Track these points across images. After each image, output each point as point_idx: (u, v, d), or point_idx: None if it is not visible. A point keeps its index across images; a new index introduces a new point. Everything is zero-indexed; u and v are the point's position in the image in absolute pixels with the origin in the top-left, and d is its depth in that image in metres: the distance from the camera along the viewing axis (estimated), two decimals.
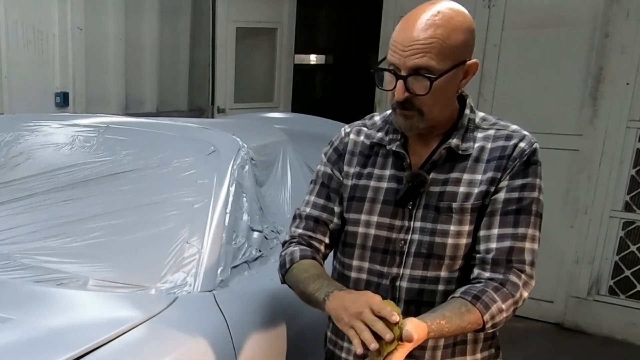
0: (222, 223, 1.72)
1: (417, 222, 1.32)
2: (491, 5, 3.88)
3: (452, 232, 1.29)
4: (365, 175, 1.39)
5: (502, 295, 1.25)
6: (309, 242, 1.43)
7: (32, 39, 3.95)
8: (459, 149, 1.30)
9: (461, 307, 1.23)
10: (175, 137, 2.09)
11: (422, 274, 1.32)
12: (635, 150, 3.51)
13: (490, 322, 1.24)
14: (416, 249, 1.32)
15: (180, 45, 5.05)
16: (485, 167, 1.29)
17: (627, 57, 3.43)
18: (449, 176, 1.30)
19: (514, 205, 1.27)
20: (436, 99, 1.24)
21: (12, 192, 1.96)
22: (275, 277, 1.75)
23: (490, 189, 1.28)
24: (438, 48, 1.20)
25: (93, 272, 1.61)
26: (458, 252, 1.30)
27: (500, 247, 1.27)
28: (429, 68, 1.20)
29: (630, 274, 3.64)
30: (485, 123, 1.34)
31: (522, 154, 1.28)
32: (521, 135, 1.31)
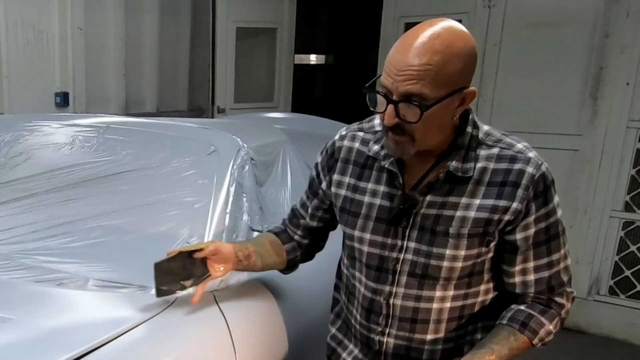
0: (222, 223, 1.71)
1: (411, 242, 1.30)
2: (491, 5, 3.88)
3: (448, 256, 1.27)
4: (360, 189, 1.37)
5: (549, 317, 1.31)
6: (285, 226, 1.61)
7: (32, 39, 3.95)
8: (459, 171, 1.24)
9: (509, 337, 1.27)
10: (175, 137, 2.09)
11: (416, 293, 1.32)
12: (635, 150, 3.51)
13: (540, 344, 1.30)
14: (410, 269, 1.31)
15: (180, 45, 5.05)
16: (486, 191, 1.24)
17: (627, 57, 3.43)
18: (447, 200, 1.26)
19: (544, 235, 1.27)
20: (428, 127, 1.18)
21: (12, 192, 1.96)
22: (275, 277, 1.75)
23: (493, 217, 1.23)
24: (432, 76, 1.12)
25: (93, 272, 1.61)
26: (453, 274, 1.29)
27: (539, 277, 1.29)
28: (421, 95, 1.13)
29: (630, 274, 3.64)
30: (490, 139, 1.28)
31: (532, 180, 1.22)
32: (527, 159, 1.24)
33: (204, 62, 5.13)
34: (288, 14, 5.33)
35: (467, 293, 1.32)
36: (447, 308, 1.32)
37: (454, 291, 1.31)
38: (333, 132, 1.53)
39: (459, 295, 1.31)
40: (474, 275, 1.31)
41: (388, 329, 1.36)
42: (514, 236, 1.26)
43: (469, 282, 1.31)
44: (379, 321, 1.36)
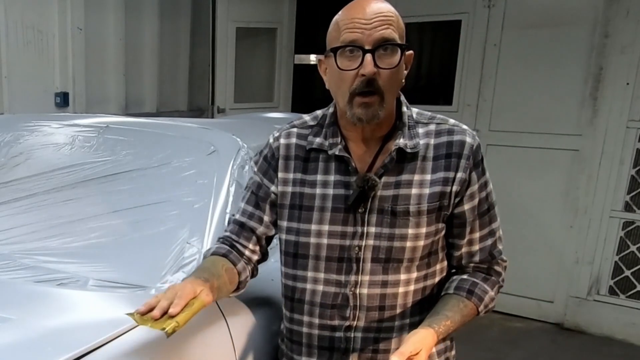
0: (222, 223, 1.71)
1: (371, 227, 1.30)
2: (491, 5, 3.88)
3: (411, 235, 1.29)
4: (309, 182, 1.35)
5: (491, 284, 1.37)
6: (232, 243, 1.44)
7: (32, 39, 3.95)
8: (408, 148, 1.28)
9: (459, 304, 1.31)
10: (175, 137, 2.09)
11: (382, 279, 1.32)
12: (635, 150, 3.51)
13: (484, 310, 1.36)
14: (373, 255, 1.30)
15: (180, 45, 5.05)
16: (433, 165, 1.29)
17: (627, 57, 3.43)
18: (400, 178, 1.29)
19: (485, 204, 1.34)
20: (394, 82, 1.23)
21: (12, 192, 1.96)
22: (275, 277, 1.75)
23: (445, 189, 1.28)
24: (397, 24, 1.22)
25: (93, 272, 1.61)
26: (416, 254, 1.31)
27: (483, 246, 1.36)
28: (395, 39, 1.20)
29: (630, 274, 3.65)
30: (423, 117, 1.34)
31: (472, 150, 1.29)
32: (463, 130, 1.31)
33: (204, 62, 5.13)
34: (288, 14, 5.33)
35: (427, 274, 1.35)
36: (411, 291, 1.34)
37: (416, 273, 1.33)
38: None
39: (421, 276, 1.34)
40: (432, 254, 1.34)
41: (355, 321, 1.34)
42: (462, 207, 1.32)
43: (428, 262, 1.34)
44: (346, 315, 1.34)
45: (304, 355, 1.42)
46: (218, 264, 1.37)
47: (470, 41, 4.01)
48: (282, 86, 5.50)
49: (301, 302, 1.39)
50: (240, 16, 5.05)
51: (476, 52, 3.99)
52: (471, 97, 4.05)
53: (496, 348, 3.38)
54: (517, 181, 3.89)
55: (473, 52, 4.00)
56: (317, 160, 1.35)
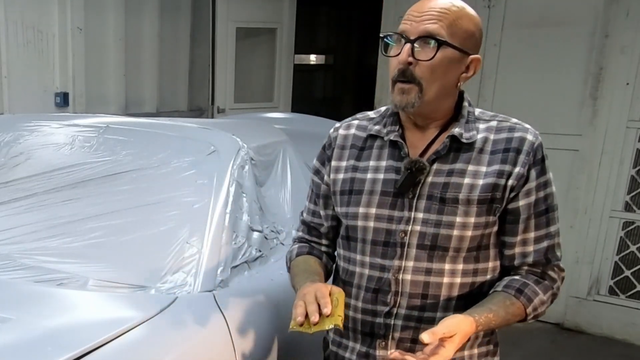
0: (222, 223, 1.72)
1: (419, 212, 1.29)
2: (491, 5, 3.88)
3: (458, 223, 1.27)
4: (361, 168, 1.37)
5: (543, 288, 1.32)
6: (308, 242, 1.52)
7: (32, 39, 3.95)
8: (463, 137, 1.28)
9: (505, 301, 1.28)
10: (175, 137, 2.09)
11: (426, 266, 1.30)
12: (635, 150, 3.51)
13: (533, 314, 1.31)
14: (419, 241, 1.30)
15: (180, 45, 5.05)
16: (490, 158, 1.28)
17: (627, 57, 3.43)
18: (454, 167, 1.28)
19: (543, 205, 1.30)
20: (436, 77, 1.24)
21: (12, 192, 1.96)
22: (275, 277, 1.75)
23: (499, 182, 1.26)
24: (450, 21, 1.22)
25: (93, 272, 1.61)
26: (462, 244, 1.29)
27: (538, 249, 1.32)
28: (439, 35, 1.22)
29: (630, 274, 3.65)
30: (485, 115, 1.35)
31: (533, 147, 1.28)
32: (525, 128, 1.31)
33: (204, 62, 5.13)
34: (288, 14, 5.33)
35: (476, 269, 1.32)
36: (457, 284, 1.30)
37: (463, 265, 1.30)
38: None
39: (469, 270, 1.31)
40: (482, 249, 1.31)
41: (396, 308, 1.33)
42: (517, 203, 1.29)
43: (477, 256, 1.31)
44: (387, 300, 1.33)
45: (350, 340, 1.43)
46: (310, 261, 1.45)
47: None
48: (282, 86, 5.50)
49: (350, 285, 1.39)
50: (240, 16, 5.06)
51: None
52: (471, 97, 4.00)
53: None
54: None
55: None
56: (372, 148, 1.38)
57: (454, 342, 1.15)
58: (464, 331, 1.18)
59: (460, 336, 1.16)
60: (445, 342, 1.14)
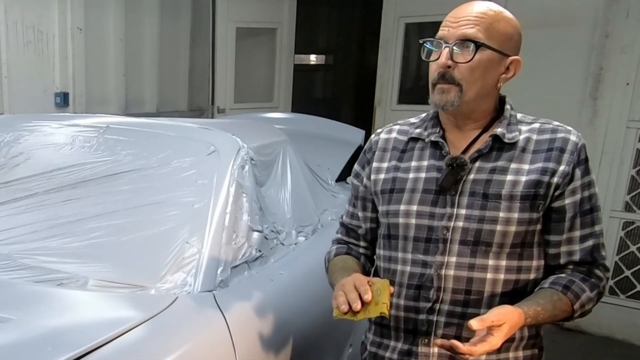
0: (222, 223, 1.72)
1: (461, 209, 1.31)
2: None
3: (502, 219, 1.28)
4: (403, 168, 1.40)
5: (590, 285, 1.32)
6: (346, 244, 1.55)
7: (32, 39, 3.95)
8: (505, 137, 1.31)
9: (553, 296, 1.29)
10: (175, 137, 2.09)
11: (469, 261, 1.31)
12: (635, 150, 3.51)
13: (580, 311, 1.32)
14: (462, 237, 1.31)
15: (180, 45, 5.05)
16: (533, 157, 1.30)
17: (627, 57, 3.43)
18: (496, 164, 1.31)
19: (588, 204, 1.32)
20: (476, 78, 1.27)
21: (12, 192, 1.96)
22: (275, 277, 1.75)
23: (542, 178, 1.28)
24: (487, 24, 1.26)
25: (93, 272, 1.61)
26: (506, 240, 1.29)
27: (584, 247, 1.32)
28: (476, 38, 1.25)
29: (630, 274, 3.64)
30: (527, 118, 1.37)
31: (577, 147, 1.30)
32: (568, 130, 1.33)
33: (204, 62, 5.13)
34: (288, 14, 5.33)
35: (520, 267, 1.32)
36: (501, 280, 1.31)
37: (506, 261, 1.30)
38: (333, 132, 1.53)
39: (512, 267, 1.31)
40: (526, 246, 1.32)
41: (439, 304, 1.33)
42: (562, 202, 1.30)
43: (520, 253, 1.32)
44: (430, 296, 1.33)
45: (392, 340, 1.42)
46: (348, 260, 1.48)
47: None
48: (282, 86, 5.50)
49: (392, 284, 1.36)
50: (240, 16, 5.06)
51: None
52: None
53: None
54: None
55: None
56: (414, 150, 1.41)
57: (502, 331, 1.15)
58: (513, 321, 1.18)
59: (509, 326, 1.16)
60: (493, 330, 1.15)
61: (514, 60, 1.30)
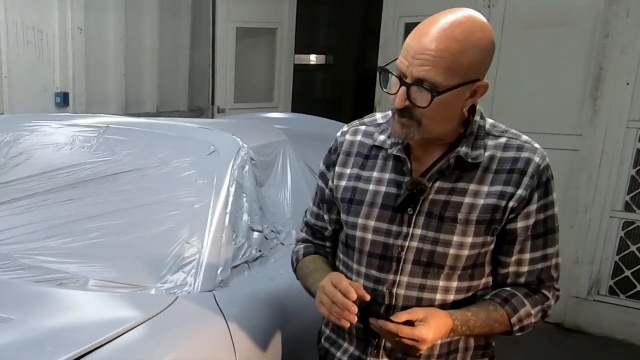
0: (222, 223, 1.72)
1: (417, 229, 1.29)
2: (491, 5, 3.88)
3: (455, 242, 1.26)
4: (364, 178, 1.36)
5: (532, 301, 1.31)
6: (313, 243, 1.53)
7: (32, 39, 3.95)
8: (469, 157, 1.25)
9: (489, 306, 1.29)
10: (175, 137, 2.09)
11: (420, 282, 1.30)
12: (635, 150, 3.51)
13: (518, 325, 1.30)
14: (415, 257, 1.29)
15: (180, 45, 5.05)
16: (493, 178, 1.25)
17: (627, 57, 3.43)
18: (456, 185, 1.26)
19: (542, 227, 1.29)
20: (436, 114, 1.19)
21: (12, 192, 1.96)
22: (275, 277, 1.75)
23: (500, 203, 1.24)
24: (447, 64, 1.13)
25: (93, 272, 1.61)
26: (458, 263, 1.28)
27: (532, 269, 1.31)
28: (433, 82, 1.15)
29: (630, 274, 3.64)
30: (496, 130, 1.30)
31: (538, 169, 1.25)
32: (533, 148, 1.28)
33: (204, 62, 5.13)
34: (288, 14, 5.33)
35: (470, 286, 1.32)
36: (450, 301, 1.30)
37: (457, 282, 1.30)
38: (333, 132, 1.52)
39: (463, 288, 1.31)
40: (477, 267, 1.31)
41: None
42: (515, 225, 1.27)
43: (472, 274, 1.31)
44: (380, 312, 1.33)
45: (346, 342, 1.45)
46: (319, 260, 1.48)
47: None
48: (282, 86, 5.50)
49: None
50: (240, 16, 5.06)
51: None
52: None
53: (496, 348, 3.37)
54: None
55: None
56: (377, 158, 1.36)
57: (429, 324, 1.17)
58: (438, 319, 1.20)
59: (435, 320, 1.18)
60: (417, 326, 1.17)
61: (480, 85, 1.20)
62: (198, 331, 1.42)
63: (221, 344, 1.45)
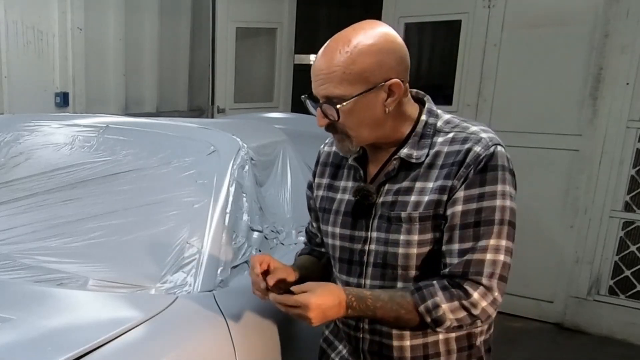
0: (222, 223, 1.72)
1: (373, 232, 1.33)
2: (491, 5, 3.88)
3: (402, 241, 1.28)
4: (335, 187, 1.43)
5: (447, 295, 1.22)
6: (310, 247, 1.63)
7: (32, 39, 3.95)
8: (412, 158, 1.27)
9: (397, 292, 1.27)
10: (175, 137, 2.09)
11: (380, 284, 1.34)
12: (635, 150, 3.51)
13: (429, 317, 1.22)
14: (375, 260, 1.33)
15: (180, 45, 5.05)
16: (438, 173, 1.25)
17: (627, 57, 3.43)
18: (402, 185, 1.29)
19: (473, 217, 1.21)
20: (357, 122, 1.24)
21: (12, 192, 1.96)
22: None
23: (442, 198, 1.23)
24: (340, 76, 1.20)
25: (93, 272, 1.61)
26: (409, 262, 1.28)
27: (460, 261, 1.22)
28: (337, 96, 1.21)
29: (630, 274, 3.64)
30: (448, 126, 1.29)
31: (477, 159, 1.21)
32: (477, 139, 1.23)
33: (204, 62, 5.13)
34: (288, 14, 5.33)
35: None
36: None
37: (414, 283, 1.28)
38: None
39: None
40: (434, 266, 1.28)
41: (362, 323, 1.39)
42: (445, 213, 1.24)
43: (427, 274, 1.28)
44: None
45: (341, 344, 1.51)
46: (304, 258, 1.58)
47: (470, 41, 4.00)
48: (282, 86, 5.50)
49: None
50: (240, 16, 5.06)
51: (476, 52, 3.98)
52: (471, 97, 4.05)
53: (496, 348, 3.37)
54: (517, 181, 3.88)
55: (473, 52, 4.00)
56: (345, 167, 1.43)
57: (312, 290, 1.22)
58: (326, 286, 1.25)
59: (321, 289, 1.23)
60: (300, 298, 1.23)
61: (391, 84, 1.22)
62: (198, 331, 1.42)
63: (221, 344, 1.45)
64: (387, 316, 1.25)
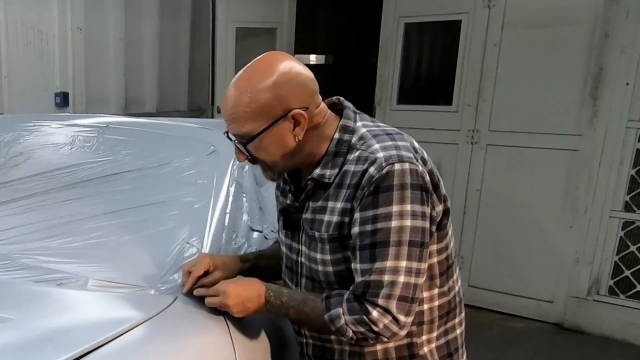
0: (222, 223, 1.71)
1: (303, 246, 1.38)
2: (491, 5, 3.88)
3: (319, 259, 1.33)
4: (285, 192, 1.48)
5: (349, 307, 1.23)
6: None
7: (32, 39, 3.95)
8: (324, 178, 1.29)
9: (311, 295, 1.33)
10: (175, 137, 2.09)
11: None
12: (635, 150, 3.51)
13: (332, 326, 1.26)
14: (305, 272, 1.39)
15: (180, 45, 5.05)
16: (345, 193, 1.26)
17: (627, 57, 3.43)
18: (317, 204, 1.33)
19: (368, 239, 1.21)
20: (274, 154, 1.29)
21: (12, 192, 1.96)
22: None
23: (344, 220, 1.26)
24: (242, 115, 1.25)
25: (93, 272, 1.60)
26: (329, 279, 1.33)
27: (361, 281, 1.23)
28: (245, 134, 1.27)
29: (630, 274, 3.65)
30: (360, 143, 1.28)
31: (370, 181, 1.20)
32: (373, 159, 1.22)
33: (204, 62, 5.13)
34: (288, 14, 5.34)
35: None
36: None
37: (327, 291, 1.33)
38: None
39: None
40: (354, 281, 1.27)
41: (302, 329, 1.47)
42: (345, 230, 1.27)
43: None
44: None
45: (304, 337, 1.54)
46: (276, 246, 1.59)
47: (470, 41, 4.01)
48: None
49: None
50: (240, 16, 5.06)
51: (476, 52, 3.99)
52: (471, 97, 4.05)
53: (496, 348, 3.38)
54: (517, 181, 3.89)
55: (473, 52, 4.01)
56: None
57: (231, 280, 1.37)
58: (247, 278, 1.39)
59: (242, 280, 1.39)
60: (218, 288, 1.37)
61: (294, 114, 1.24)
62: (198, 331, 1.42)
63: (221, 344, 1.45)
64: (298, 317, 1.33)
